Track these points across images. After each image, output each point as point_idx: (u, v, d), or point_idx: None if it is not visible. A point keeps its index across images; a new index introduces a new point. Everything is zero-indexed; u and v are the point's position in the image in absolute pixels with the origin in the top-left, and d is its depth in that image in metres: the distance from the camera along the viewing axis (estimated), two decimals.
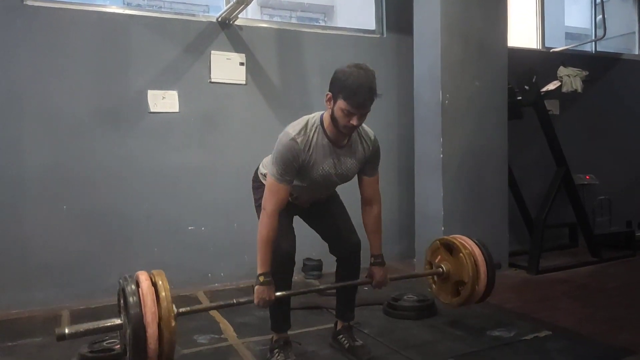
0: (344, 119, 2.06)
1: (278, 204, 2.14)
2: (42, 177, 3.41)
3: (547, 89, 4.44)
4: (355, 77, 2.01)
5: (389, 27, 4.56)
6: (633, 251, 4.66)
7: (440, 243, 2.68)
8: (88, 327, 1.82)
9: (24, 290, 3.36)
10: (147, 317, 1.75)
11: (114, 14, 3.63)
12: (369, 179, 2.36)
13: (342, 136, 2.16)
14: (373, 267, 2.44)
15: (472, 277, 2.49)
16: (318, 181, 2.24)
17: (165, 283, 1.89)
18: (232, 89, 3.95)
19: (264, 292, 2.14)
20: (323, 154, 2.18)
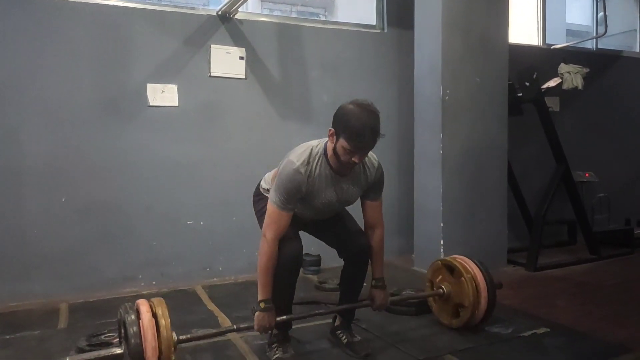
0: (346, 157, 2.06)
1: (279, 232, 2.15)
2: (41, 169, 3.40)
3: (548, 86, 4.43)
4: (358, 117, 2.00)
5: (389, 22, 4.54)
6: (631, 249, 4.66)
7: (442, 264, 2.70)
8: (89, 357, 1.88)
9: (23, 282, 3.36)
10: (148, 351, 1.78)
11: (114, 6, 3.61)
12: (372, 203, 2.36)
13: (344, 169, 2.17)
14: (374, 289, 2.44)
15: (473, 302, 2.51)
16: (320, 208, 2.27)
17: (165, 313, 1.91)
18: (232, 83, 3.93)
19: (264, 318, 2.15)
20: (325, 184, 2.19)
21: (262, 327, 2.16)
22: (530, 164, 5.03)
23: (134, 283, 3.64)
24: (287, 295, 2.36)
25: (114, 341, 2.44)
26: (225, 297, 3.41)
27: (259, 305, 2.15)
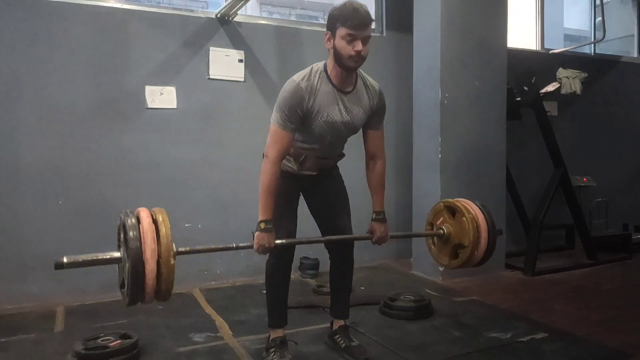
0: (348, 48, 2.03)
1: (281, 152, 2.14)
2: (38, 170, 3.39)
3: (546, 90, 4.44)
4: (348, 4, 2.05)
5: (388, 25, 4.55)
6: (629, 254, 4.66)
7: (443, 205, 2.60)
8: (86, 258, 1.81)
9: (19, 284, 3.34)
10: (147, 253, 1.73)
11: (113, 8, 3.61)
12: (374, 132, 2.35)
13: (348, 75, 2.15)
14: (374, 223, 2.40)
15: (473, 242, 2.41)
16: (324, 131, 2.20)
17: (165, 220, 1.86)
18: (231, 85, 3.93)
19: (264, 238, 2.11)
20: (328, 101, 2.15)
21: (262, 247, 2.12)
22: (528, 168, 5.03)
23: None
24: (282, 296, 2.38)
25: (111, 344, 2.43)
26: (222, 301, 3.40)
27: (259, 226, 2.12)
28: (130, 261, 1.72)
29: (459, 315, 3.05)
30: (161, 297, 1.82)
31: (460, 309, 3.18)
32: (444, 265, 2.61)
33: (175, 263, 1.81)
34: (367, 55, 2.09)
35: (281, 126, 2.12)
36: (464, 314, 3.09)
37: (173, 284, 1.81)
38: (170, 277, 1.79)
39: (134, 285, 1.73)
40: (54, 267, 1.72)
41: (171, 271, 1.79)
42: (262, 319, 2.91)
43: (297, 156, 2.28)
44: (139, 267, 1.71)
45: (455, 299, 3.39)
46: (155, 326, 2.90)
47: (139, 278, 1.72)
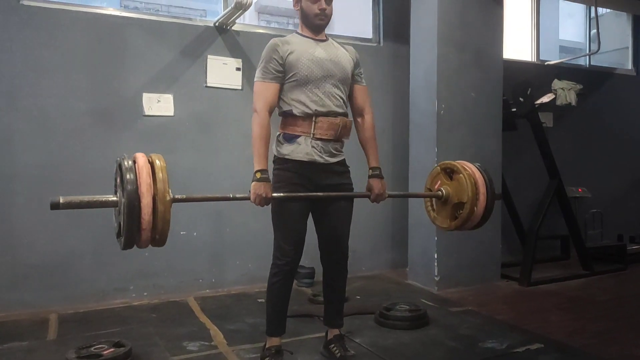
0: (313, 7, 2.24)
1: (267, 103, 2.21)
2: (33, 177, 3.37)
3: (542, 102, 4.47)
4: None
5: (385, 35, 4.58)
6: (624, 265, 4.68)
7: (440, 168, 2.57)
8: (82, 199, 1.77)
9: (12, 291, 3.31)
10: (142, 187, 1.71)
11: (111, 16, 3.62)
12: (359, 86, 2.43)
13: (318, 34, 2.32)
14: (371, 179, 2.39)
15: (472, 198, 2.38)
16: (314, 70, 2.24)
17: (163, 166, 1.85)
18: (228, 93, 3.94)
19: (261, 188, 2.11)
20: (306, 45, 2.28)
21: (259, 197, 2.11)
22: (523, 178, 5.05)
23: (125, 294, 3.60)
24: (282, 306, 2.37)
25: (104, 352, 2.41)
26: (217, 309, 3.38)
27: (255, 176, 2.13)
28: (126, 199, 1.68)
29: (454, 326, 3.05)
30: (157, 241, 1.78)
31: (456, 319, 3.17)
32: (445, 228, 2.56)
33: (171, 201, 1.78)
34: (331, 14, 2.29)
35: (261, 78, 2.24)
36: (460, 324, 3.08)
37: (169, 224, 1.78)
38: (167, 214, 1.76)
39: (129, 221, 1.69)
40: (50, 206, 1.68)
41: (167, 208, 1.76)
42: (256, 328, 2.90)
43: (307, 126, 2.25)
44: (134, 205, 1.68)
45: (451, 309, 3.38)
46: (148, 335, 2.88)
47: (134, 216, 1.68)
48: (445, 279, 3.86)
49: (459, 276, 3.91)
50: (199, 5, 5.62)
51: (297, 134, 2.25)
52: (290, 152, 2.26)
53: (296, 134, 2.25)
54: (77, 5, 3.56)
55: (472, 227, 2.50)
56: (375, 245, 4.47)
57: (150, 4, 5.78)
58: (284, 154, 2.27)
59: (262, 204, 2.15)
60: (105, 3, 4.04)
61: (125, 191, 1.69)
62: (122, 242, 1.75)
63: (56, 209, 1.71)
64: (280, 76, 2.23)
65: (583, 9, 6.06)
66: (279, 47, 2.22)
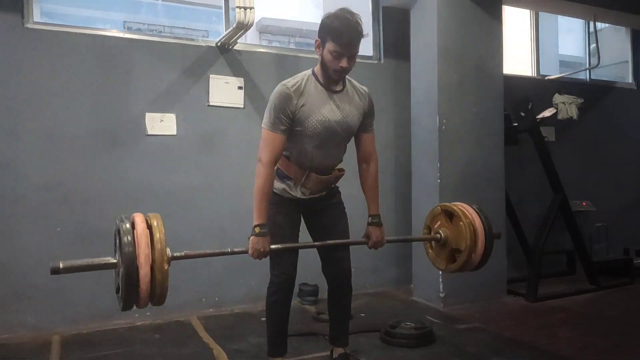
0: (334, 62, 2.11)
1: (273, 155, 2.16)
2: (36, 198, 3.38)
3: (543, 116, 4.47)
4: (341, 19, 2.08)
5: (386, 53, 4.62)
6: (631, 279, 4.63)
7: (441, 209, 2.59)
8: (82, 263, 1.83)
9: (15, 313, 3.29)
10: (140, 258, 1.73)
11: (114, 37, 3.66)
12: (366, 135, 2.39)
13: (334, 82, 2.22)
14: (370, 227, 2.39)
15: (470, 247, 2.41)
16: (319, 133, 2.20)
17: (160, 225, 1.86)
18: (230, 112, 3.96)
19: (259, 243, 2.11)
20: (319, 99, 2.20)
21: (257, 252, 2.11)
22: (527, 193, 5.03)
23: (128, 314, 3.56)
24: (282, 325, 2.34)
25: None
26: (221, 329, 3.34)
27: (254, 230, 2.12)
28: (124, 266, 1.72)
29: (461, 343, 3.01)
30: (156, 302, 1.81)
31: (463, 337, 3.13)
32: (442, 269, 2.58)
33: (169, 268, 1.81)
34: (351, 68, 2.17)
35: (271, 128, 2.16)
36: (467, 341, 3.04)
37: (167, 289, 1.81)
38: (164, 282, 1.80)
39: (127, 290, 1.73)
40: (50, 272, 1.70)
41: (165, 276, 1.80)
42: (261, 348, 2.86)
43: (299, 176, 2.27)
44: (132, 272, 1.72)
45: (457, 326, 3.34)
46: (152, 355, 2.85)
47: (132, 283, 1.72)
48: (451, 295, 3.82)
49: (464, 292, 3.88)
50: (201, 25, 5.69)
51: (290, 176, 2.29)
52: (281, 190, 2.31)
53: (289, 176, 2.29)
54: (81, 28, 3.61)
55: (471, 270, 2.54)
56: (379, 262, 4.44)
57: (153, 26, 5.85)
58: (274, 187, 2.30)
59: (260, 258, 2.16)
60: (108, 25, 4.10)
61: (124, 260, 1.73)
62: (120, 305, 1.80)
63: (56, 274, 1.77)
64: (289, 127, 2.18)
65: (582, 24, 6.10)
66: (291, 100, 2.14)
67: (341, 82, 2.26)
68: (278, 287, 2.30)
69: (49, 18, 3.77)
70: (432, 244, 2.61)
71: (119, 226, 1.80)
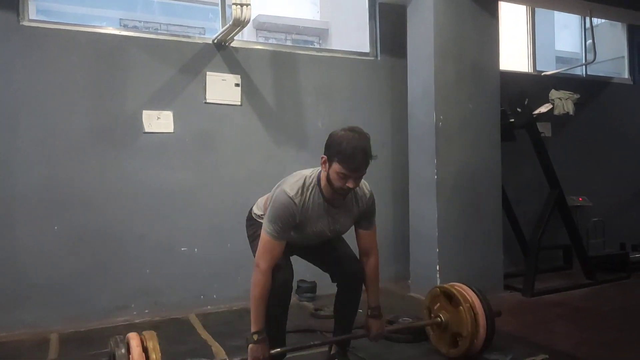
0: (340, 182, 2.07)
1: (272, 262, 2.14)
2: (33, 197, 3.37)
3: (539, 112, 4.48)
4: (349, 140, 2.03)
5: (383, 49, 4.62)
6: (627, 274, 4.65)
7: (440, 291, 2.68)
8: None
9: (13, 312, 3.29)
10: None
11: (111, 35, 3.65)
12: (366, 232, 2.37)
13: (338, 197, 2.18)
14: (370, 319, 2.41)
15: (471, 332, 2.48)
16: (311, 237, 2.28)
17: (156, 347, 1.88)
18: (227, 109, 3.96)
19: (258, 350, 2.12)
20: (318, 214, 2.20)
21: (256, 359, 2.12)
22: (524, 189, 5.05)
23: (127, 312, 3.58)
24: (280, 325, 2.33)
25: None
26: (219, 326, 3.35)
27: (252, 338, 2.12)
28: None
29: None
30: None
31: None
32: (444, 354, 2.64)
33: None
34: (359, 185, 2.16)
35: (274, 237, 2.13)
36: None
37: None
38: None
39: None
40: None
41: None
42: None
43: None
44: None
45: None
46: None
47: None
48: None
49: None
50: (197, 23, 5.68)
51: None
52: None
53: None
54: (77, 25, 3.60)
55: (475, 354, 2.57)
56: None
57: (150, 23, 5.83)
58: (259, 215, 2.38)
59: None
60: (105, 23, 4.10)
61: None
62: None
63: None
64: (289, 233, 2.18)
65: (578, 19, 6.12)
66: (296, 216, 2.14)
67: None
68: (273, 289, 2.27)
69: (45, 16, 3.76)
70: (434, 327, 2.66)
71: (114, 351, 1.80)
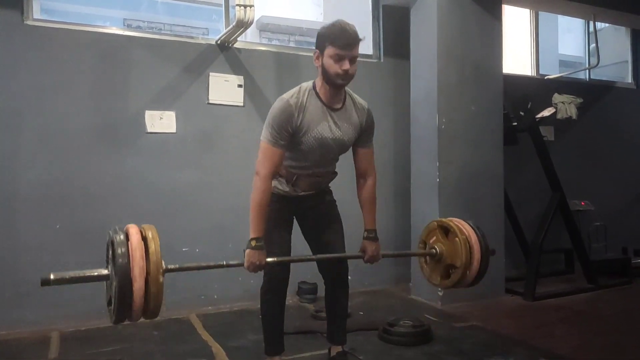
0: (335, 66, 2.08)
1: (272, 168, 2.16)
2: (35, 195, 3.38)
3: (542, 115, 4.48)
4: (335, 23, 2.12)
5: (386, 51, 4.62)
6: (629, 278, 4.64)
7: (437, 224, 2.60)
8: (74, 274, 1.78)
9: (14, 309, 3.29)
10: (135, 271, 1.70)
11: (114, 35, 3.66)
12: (364, 150, 2.36)
13: (336, 93, 2.19)
14: (366, 241, 2.39)
15: (465, 264, 2.40)
16: (314, 148, 2.21)
17: (155, 237, 1.83)
18: (230, 110, 3.96)
19: (255, 256, 2.11)
20: (317, 117, 2.18)
21: (252, 265, 2.11)
22: (526, 192, 5.04)
23: None
24: (278, 324, 2.35)
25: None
26: (219, 326, 3.35)
27: (250, 243, 2.12)
28: (117, 279, 1.68)
29: (458, 341, 3.02)
30: (149, 316, 1.78)
31: (460, 335, 3.14)
32: (436, 285, 2.58)
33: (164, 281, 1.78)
34: (354, 73, 2.13)
35: (271, 143, 2.14)
36: (464, 339, 3.05)
37: (162, 302, 1.78)
38: (159, 295, 1.77)
39: (120, 303, 1.70)
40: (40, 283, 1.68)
41: (160, 289, 1.77)
42: (259, 345, 2.86)
43: (290, 177, 2.29)
44: (126, 285, 1.68)
45: (455, 325, 3.35)
46: (150, 353, 2.86)
47: (126, 296, 1.68)
48: (449, 293, 3.83)
49: (462, 291, 3.85)
50: (201, 23, 5.71)
51: (281, 174, 2.29)
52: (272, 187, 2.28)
53: (280, 174, 2.29)
54: (81, 25, 3.60)
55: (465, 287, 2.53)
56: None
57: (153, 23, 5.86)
58: None
59: (256, 271, 2.15)
60: (108, 22, 4.11)
61: (117, 273, 1.69)
62: (112, 319, 1.77)
63: (47, 285, 1.74)
64: (288, 142, 2.18)
65: (582, 23, 6.11)
66: (293, 117, 2.13)
67: (342, 99, 2.23)
68: (269, 287, 2.32)
69: (49, 15, 3.78)
70: (427, 259, 2.61)
71: (113, 237, 1.76)
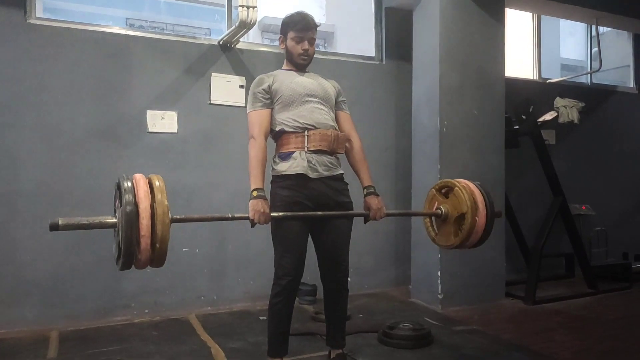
0: (297, 47, 2.42)
1: (262, 128, 2.33)
2: (35, 194, 3.38)
3: (544, 119, 4.48)
4: (297, 13, 2.45)
5: (388, 54, 4.62)
6: (629, 283, 4.63)
7: (435, 190, 2.57)
8: (81, 221, 1.75)
9: (13, 308, 3.29)
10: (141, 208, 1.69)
11: (116, 34, 3.66)
12: (343, 113, 2.56)
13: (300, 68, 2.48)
14: (367, 197, 2.42)
15: (471, 207, 2.35)
16: (297, 91, 2.38)
17: (162, 184, 1.84)
18: (232, 110, 3.96)
19: (258, 204, 2.16)
20: (288, 76, 2.43)
21: (258, 213, 2.14)
22: (527, 196, 5.03)
23: (127, 311, 3.58)
24: (284, 326, 2.34)
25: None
26: (219, 327, 3.35)
27: (252, 194, 2.18)
28: (124, 219, 1.66)
29: (458, 345, 3.01)
30: (155, 263, 1.76)
31: (460, 339, 3.13)
32: (448, 245, 2.51)
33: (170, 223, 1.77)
34: (313, 53, 2.47)
35: (254, 107, 2.36)
36: (464, 343, 3.05)
37: (167, 245, 1.76)
38: (166, 236, 1.74)
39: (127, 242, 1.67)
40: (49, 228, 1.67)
41: (166, 230, 1.75)
42: (258, 346, 2.86)
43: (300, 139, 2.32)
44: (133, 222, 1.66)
45: (455, 328, 3.35)
46: (149, 353, 2.85)
47: (133, 234, 1.67)
48: (449, 297, 3.83)
49: (463, 294, 3.88)
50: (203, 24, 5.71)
51: (292, 150, 2.32)
52: (287, 168, 2.30)
53: (290, 151, 2.32)
54: (83, 24, 3.60)
55: (475, 243, 2.45)
56: (378, 263, 4.44)
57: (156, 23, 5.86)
58: (280, 171, 2.32)
59: (262, 221, 2.16)
60: (111, 22, 4.11)
61: (124, 213, 1.68)
62: (119, 264, 1.74)
63: (55, 230, 1.71)
64: (269, 102, 2.38)
65: (584, 27, 6.10)
66: (264, 80, 2.41)
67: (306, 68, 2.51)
68: (282, 289, 2.30)
69: (52, 14, 3.78)
70: (433, 223, 2.57)
71: (120, 182, 1.76)
